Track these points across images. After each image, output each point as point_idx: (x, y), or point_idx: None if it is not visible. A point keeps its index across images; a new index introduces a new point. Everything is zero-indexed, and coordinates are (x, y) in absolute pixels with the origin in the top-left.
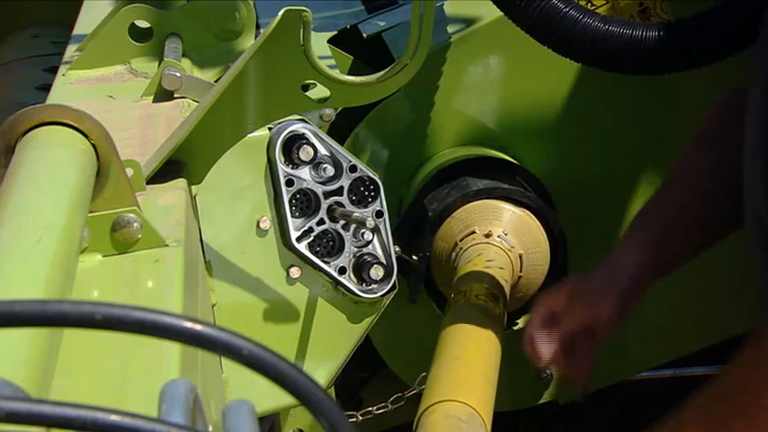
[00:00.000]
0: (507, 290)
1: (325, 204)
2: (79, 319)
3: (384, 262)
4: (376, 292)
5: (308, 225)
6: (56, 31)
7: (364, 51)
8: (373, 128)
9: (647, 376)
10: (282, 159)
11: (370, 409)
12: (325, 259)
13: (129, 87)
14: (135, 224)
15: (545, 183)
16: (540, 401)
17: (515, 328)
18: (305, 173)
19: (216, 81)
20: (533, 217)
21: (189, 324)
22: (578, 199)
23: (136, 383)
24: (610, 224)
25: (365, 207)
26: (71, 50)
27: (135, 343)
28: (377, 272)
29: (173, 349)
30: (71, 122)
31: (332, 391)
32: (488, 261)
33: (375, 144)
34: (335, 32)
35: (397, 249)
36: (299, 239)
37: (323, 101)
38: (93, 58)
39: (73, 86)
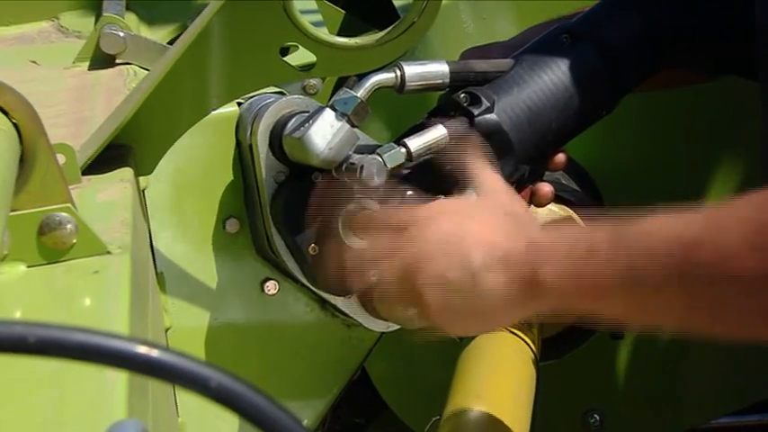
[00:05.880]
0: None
1: None
2: (8, 343)
3: None
4: None
5: None
6: None
7: (359, 5)
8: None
9: (730, 423)
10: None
11: None
12: None
13: (58, 50)
14: (68, 226)
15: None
16: None
17: (553, 359)
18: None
19: (170, 43)
20: (574, 214)
21: (143, 349)
22: (621, 190)
23: (74, 424)
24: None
25: None
26: None
27: (74, 373)
28: None
29: (118, 382)
30: None
31: None
32: None
33: (378, 126)
34: None
35: None
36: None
37: (306, 68)
38: (10, 11)
39: None
